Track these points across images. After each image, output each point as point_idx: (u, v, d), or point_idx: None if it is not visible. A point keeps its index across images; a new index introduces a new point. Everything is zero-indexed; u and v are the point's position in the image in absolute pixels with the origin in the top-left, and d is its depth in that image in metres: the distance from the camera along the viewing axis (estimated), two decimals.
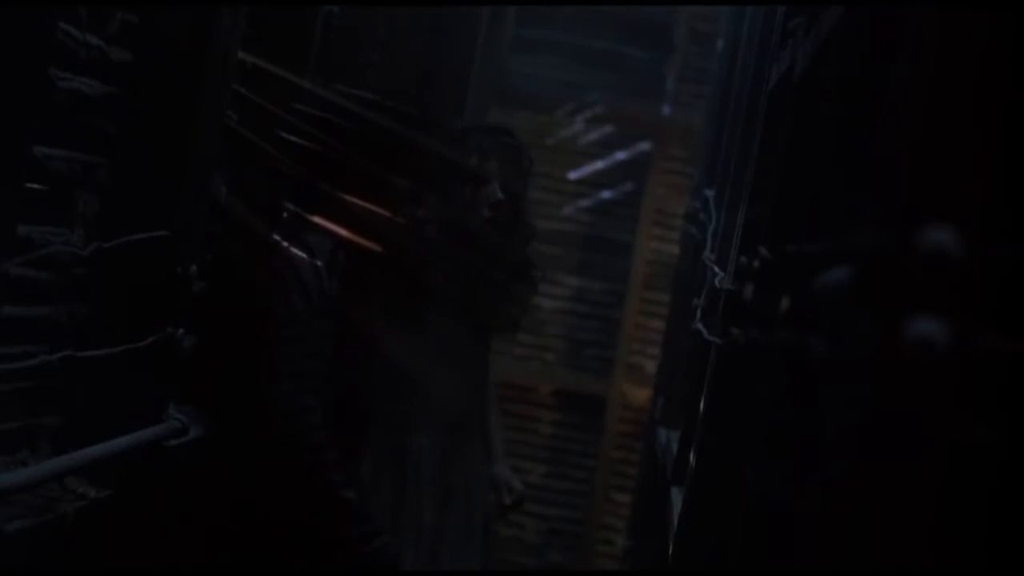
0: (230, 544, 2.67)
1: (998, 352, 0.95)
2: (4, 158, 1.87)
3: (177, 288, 2.45)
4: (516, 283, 3.29)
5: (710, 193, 4.59)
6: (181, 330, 2.46)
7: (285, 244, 2.70)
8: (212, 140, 2.53)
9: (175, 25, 2.34)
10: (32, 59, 1.90)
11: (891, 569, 0.99)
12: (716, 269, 3.30)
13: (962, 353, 0.95)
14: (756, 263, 2.32)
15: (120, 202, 2.28)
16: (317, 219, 2.72)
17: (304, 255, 2.69)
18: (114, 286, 2.28)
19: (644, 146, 6.93)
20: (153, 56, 2.30)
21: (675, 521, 3.13)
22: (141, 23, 2.28)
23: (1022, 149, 0.98)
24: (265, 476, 2.67)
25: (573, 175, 6.88)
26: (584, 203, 6.86)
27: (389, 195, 2.78)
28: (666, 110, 7.09)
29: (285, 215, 2.80)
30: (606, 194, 6.88)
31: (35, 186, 2.04)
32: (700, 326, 3.29)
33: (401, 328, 3.05)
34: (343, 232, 2.70)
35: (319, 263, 2.69)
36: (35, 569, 2.11)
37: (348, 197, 2.71)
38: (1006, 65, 0.98)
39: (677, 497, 3.37)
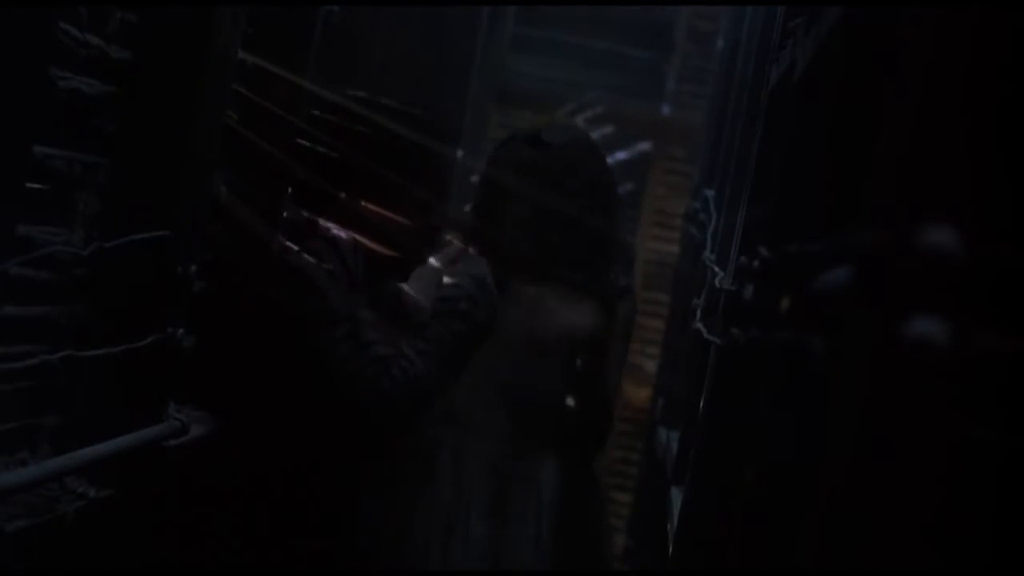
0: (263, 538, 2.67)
1: (997, 351, 0.95)
2: (4, 158, 1.87)
3: (177, 288, 2.45)
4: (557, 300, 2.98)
5: (710, 193, 4.60)
6: (181, 330, 2.46)
7: (315, 239, 2.70)
8: (212, 140, 2.53)
9: (175, 24, 2.34)
10: (32, 58, 1.90)
11: (891, 568, 0.99)
12: (716, 269, 3.31)
13: (961, 352, 0.95)
14: (756, 263, 2.32)
15: (120, 202, 2.28)
16: (318, 219, 2.72)
17: (334, 248, 2.70)
18: (114, 286, 2.28)
19: (644, 146, 6.93)
20: (153, 55, 2.30)
21: (675, 521, 3.13)
22: (141, 22, 2.28)
23: (1021, 148, 0.98)
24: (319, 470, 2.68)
25: None
26: None
27: (394, 197, 2.78)
28: (666, 110, 7.09)
29: (286, 215, 2.79)
30: None
31: (35, 186, 2.04)
32: (700, 326, 3.29)
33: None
34: (347, 232, 2.70)
35: (348, 257, 2.70)
36: (35, 569, 2.10)
37: (350, 198, 2.71)
38: (1005, 65, 0.98)
39: (677, 497, 3.37)
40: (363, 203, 2.73)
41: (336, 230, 2.72)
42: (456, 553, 2.93)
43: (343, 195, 2.72)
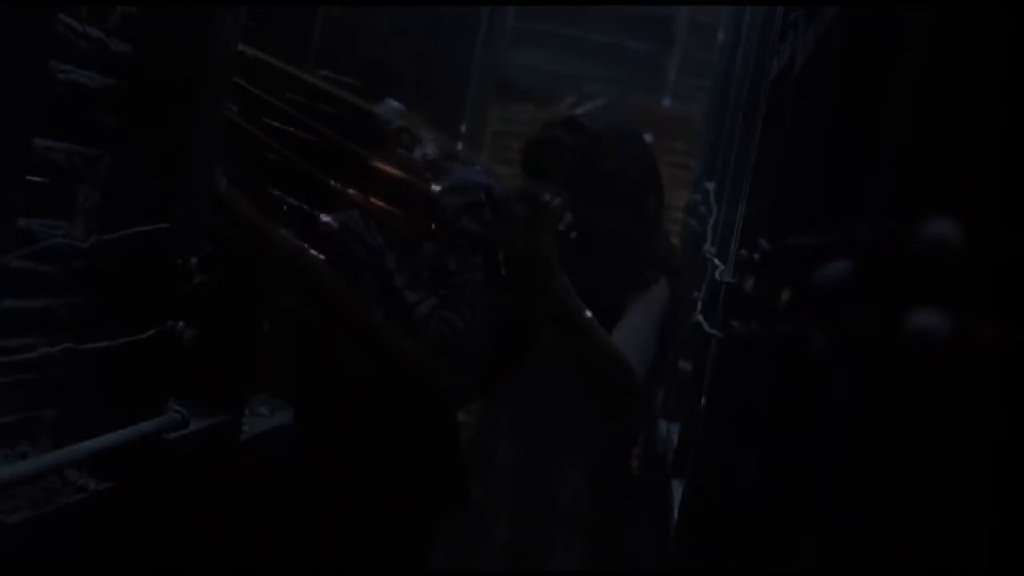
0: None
1: (999, 344, 0.95)
2: (4, 151, 1.87)
3: (177, 281, 2.45)
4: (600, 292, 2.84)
5: (710, 186, 4.60)
6: (181, 323, 2.46)
7: (327, 223, 2.66)
8: (212, 132, 2.53)
9: (175, 17, 2.34)
10: (32, 52, 1.90)
11: (891, 562, 0.99)
12: (716, 262, 3.30)
13: (963, 345, 0.95)
14: (757, 256, 2.32)
15: (120, 195, 2.28)
16: (319, 205, 2.71)
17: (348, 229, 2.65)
18: (114, 279, 2.28)
19: (644, 138, 6.92)
20: (153, 48, 2.30)
21: (675, 514, 3.13)
22: (141, 15, 2.27)
23: (1022, 140, 0.98)
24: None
25: None
26: None
27: (392, 189, 2.74)
28: (666, 103, 7.09)
29: (286, 208, 2.79)
30: None
31: (35, 179, 2.03)
32: (700, 319, 3.28)
33: None
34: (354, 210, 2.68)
35: (364, 234, 2.66)
36: (35, 561, 2.11)
37: (350, 187, 2.69)
38: (1007, 57, 0.98)
39: (677, 490, 3.37)
40: (358, 183, 2.69)
41: (341, 214, 2.69)
42: (482, 553, 2.89)
43: (335, 178, 2.69)
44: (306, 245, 2.65)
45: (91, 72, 2.16)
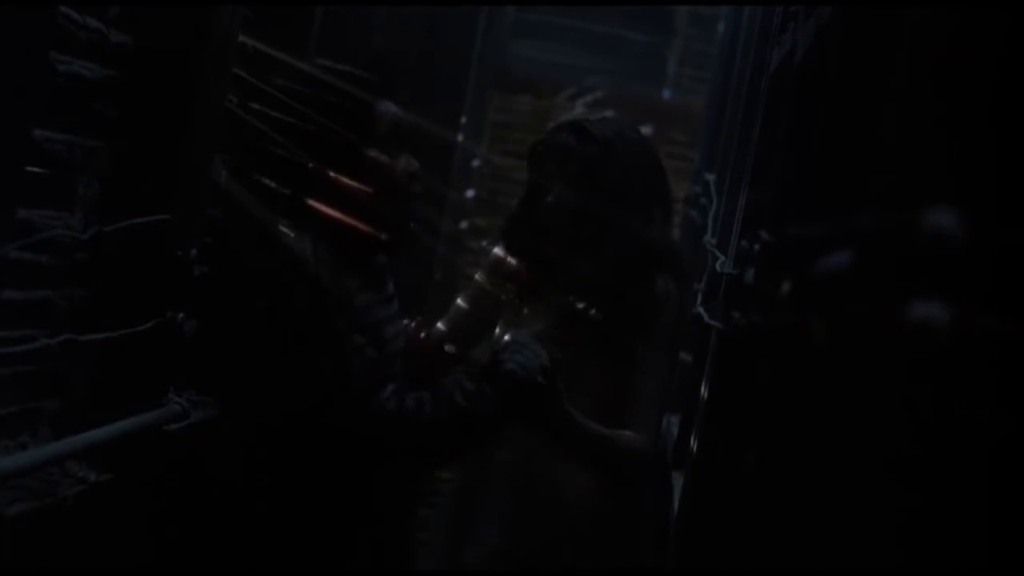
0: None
1: (999, 335, 0.95)
2: (4, 142, 1.86)
3: (177, 272, 2.44)
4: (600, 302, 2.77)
5: (711, 177, 4.60)
6: (181, 314, 2.46)
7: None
8: (212, 123, 2.53)
9: (175, 8, 2.33)
10: (32, 43, 1.90)
11: (890, 557, 0.99)
12: (717, 253, 3.30)
13: (963, 336, 0.95)
14: (757, 247, 2.32)
15: (120, 186, 2.28)
16: (315, 203, 2.68)
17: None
18: (114, 270, 2.28)
19: (645, 130, 6.92)
20: (153, 39, 2.30)
21: (676, 506, 3.13)
22: (141, 6, 2.27)
23: (1022, 130, 0.98)
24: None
25: None
26: None
27: (363, 175, 2.65)
28: (667, 94, 7.09)
29: (281, 203, 2.76)
30: None
31: (35, 170, 2.03)
32: (701, 310, 3.28)
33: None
34: (341, 216, 2.64)
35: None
36: (35, 553, 2.11)
37: (347, 181, 2.65)
38: (1005, 50, 0.98)
39: (677, 481, 3.37)
40: (341, 183, 2.62)
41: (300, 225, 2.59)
42: (468, 555, 2.87)
43: (327, 174, 2.62)
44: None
45: (91, 63, 2.16)
